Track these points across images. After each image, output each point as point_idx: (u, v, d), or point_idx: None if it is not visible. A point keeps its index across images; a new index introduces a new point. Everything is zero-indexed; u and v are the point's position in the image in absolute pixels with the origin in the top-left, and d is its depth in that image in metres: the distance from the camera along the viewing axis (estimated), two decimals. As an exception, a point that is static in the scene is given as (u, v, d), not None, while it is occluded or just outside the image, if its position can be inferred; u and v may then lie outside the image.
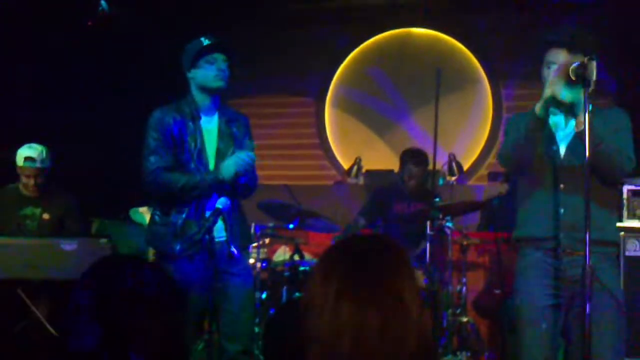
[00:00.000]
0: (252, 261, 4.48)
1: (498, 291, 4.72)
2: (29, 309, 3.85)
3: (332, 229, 4.67)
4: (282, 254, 5.10)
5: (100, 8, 5.23)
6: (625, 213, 3.89)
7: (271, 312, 4.23)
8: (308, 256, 4.87)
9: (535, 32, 5.63)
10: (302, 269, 4.41)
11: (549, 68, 2.72)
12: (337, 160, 6.50)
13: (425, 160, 4.91)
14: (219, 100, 3.27)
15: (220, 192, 3.06)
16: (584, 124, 2.49)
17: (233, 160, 3.11)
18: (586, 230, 2.46)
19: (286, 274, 4.42)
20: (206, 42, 3.18)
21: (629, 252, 3.79)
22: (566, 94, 2.58)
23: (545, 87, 2.66)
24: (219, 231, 3.02)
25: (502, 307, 4.55)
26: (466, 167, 5.99)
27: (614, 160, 2.67)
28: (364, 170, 6.13)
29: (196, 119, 3.18)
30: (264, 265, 4.59)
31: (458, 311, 4.58)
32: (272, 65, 6.47)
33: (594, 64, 2.54)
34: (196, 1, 6.01)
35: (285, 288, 4.40)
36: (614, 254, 2.84)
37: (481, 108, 6.26)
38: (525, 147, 2.73)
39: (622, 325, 2.70)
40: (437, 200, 4.39)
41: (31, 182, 4.38)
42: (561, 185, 2.73)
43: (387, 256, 1.26)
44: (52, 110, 5.20)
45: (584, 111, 2.52)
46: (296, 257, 4.65)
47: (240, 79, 5.24)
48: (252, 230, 4.47)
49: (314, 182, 6.40)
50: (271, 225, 4.72)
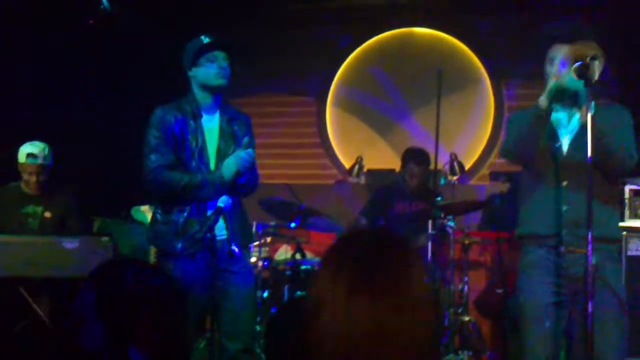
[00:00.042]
0: (253, 260, 4.48)
1: (500, 290, 4.72)
2: (31, 307, 3.86)
3: (333, 228, 4.67)
4: (284, 252, 5.11)
5: (102, 6, 5.23)
6: (627, 212, 3.89)
7: (273, 310, 4.23)
8: (309, 255, 4.87)
9: (537, 31, 5.63)
10: (303, 267, 4.41)
11: (552, 64, 2.72)
12: (338, 160, 6.50)
13: (426, 159, 4.91)
14: (220, 98, 3.26)
15: (221, 191, 3.06)
16: (589, 111, 2.50)
17: (233, 159, 3.11)
18: (589, 226, 2.46)
19: (288, 272, 4.42)
20: (206, 40, 3.17)
21: (630, 252, 3.79)
22: (572, 80, 2.57)
23: (550, 80, 2.66)
24: (220, 229, 3.02)
25: (503, 306, 4.55)
26: (467, 166, 5.98)
27: (616, 155, 2.67)
28: (365, 170, 6.12)
29: (197, 117, 3.17)
30: (266, 264, 4.58)
31: (460, 310, 4.58)
32: (273, 65, 6.46)
33: (596, 63, 2.55)
34: (196, 1, 6.00)
35: (286, 287, 4.40)
36: (617, 250, 2.83)
37: (483, 108, 6.25)
38: (528, 140, 2.72)
39: (625, 323, 2.70)
40: (439, 199, 4.39)
41: (33, 179, 4.38)
42: (564, 183, 2.73)
43: (397, 249, 1.26)
44: (53, 109, 5.20)
45: (587, 110, 2.52)
46: (298, 256, 4.65)
47: (241, 78, 5.23)
48: (254, 229, 4.48)
49: (315, 181, 6.40)
50: (273, 224, 4.72)
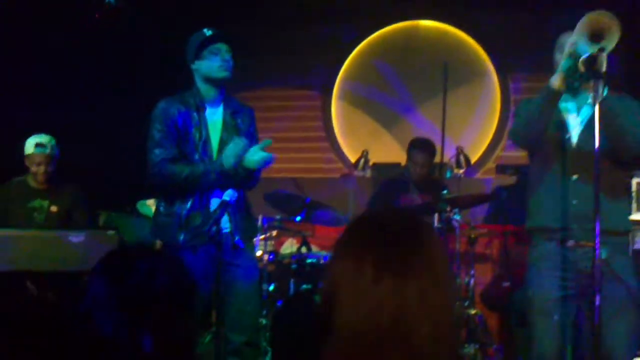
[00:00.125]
0: (259, 253, 4.48)
1: (506, 283, 4.71)
2: (37, 300, 3.86)
3: (339, 221, 4.66)
4: (290, 246, 5.11)
5: (107, 1, 5.22)
6: (634, 206, 3.86)
7: (278, 304, 4.23)
8: (315, 249, 4.87)
9: (543, 25, 5.60)
10: (309, 261, 4.42)
11: (562, 52, 2.70)
12: (343, 153, 6.48)
13: (429, 147, 4.88)
14: (224, 91, 3.25)
15: (224, 182, 3.05)
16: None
17: (230, 147, 3.10)
18: (595, 215, 2.44)
19: (293, 266, 4.42)
20: (209, 33, 3.17)
21: (637, 245, 3.76)
22: (586, 49, 2.53)
23: (562, 59, 2.63)
24: (224, 222, 3.02)
25: (510, 299, 4.53)
26: (474, 160, 5.96)
27: (629, 137, 2.63)
28: (370, 164, 6.11)
29: (201, 110, 3.17)
30: (271, 257, 4.59)
31: (466, 303, 4.57)
32: (278, 59, 6.44)
33: (604, 55, 2.53)
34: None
35: (292, 280, 4.40)
36: (627, 243, 2.81)
37: (489, 101, 6.23)
38: (538, 122, 2.70)
39: (636, 316, 2.68)
40: (445, 192, 4.38)
41: (41, 169, 4.35)
42: (574, 176, 2.71)
43: (418, 227, 1.23)
44: (55, 105, 5.20)
45: (594, 101, 2.51)
46: (303, 250, 4.66)
47: (247, 72, 5.23)
48: (260, 223, 4.47)
49: (320, 174, 6.39)
50: (278, 217, 4.72)
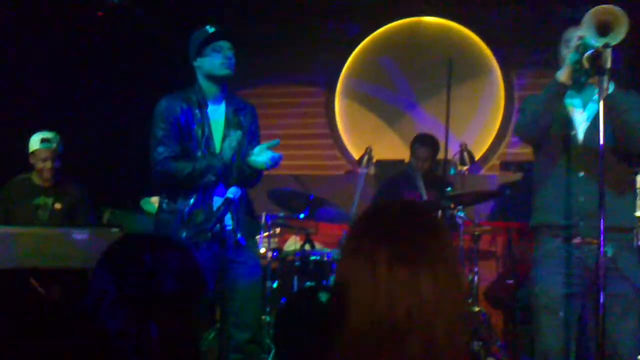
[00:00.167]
0: (263, 250, 4.48)
1: (510, 281, 4.70)
2: (41, 297, 3.87)
3: (343, 217, 4.65)
4: (293, 243, 5.11)
5: (109, -1, 5.22)
6: (638, 202, 3.85)
7: (282, 301, 4.24)
8: (319, 246, 4.87)
9: (548, 21, 5.58)
10: (312, 258, 4.41)
11: (568, 46, 2.69)
12: (347, 150, 6.48)
13: (432, 141, 4.87)
14: (226, 88, 3.26)
15: (227, 178, 3.05)
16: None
17: (227, 141, 3.12)
18: (600, 211, 2.42)
19: (297, 263, 4.42)
20: (212, 30, 3.17)
21: (641, 242, 3.75)
22: (593, 42, 2.52)
23: (570, 51, 2.62)
24: (226, 220, 3.04)
25: (514, 296, 4.53)
26: (478, 156, 5.95)
27: (637, 132, 2.61)
28: (374, 160, 6.10)
29: (203, 107, 3.18)
30: (275, 254, 4.59)
31: (470, 301, 4.56)
32: (282, 56, 6.44)
33: (609, 51, 2.51)
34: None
35: (296, 277, 4.41)
36: (633, 240, 2.80)
37: (493, 98, 6.21)
38: (544, 117, 2.68)
39: None
40: (449, 189, 4.37)
41: (48, 165, 4.34)
42: (581, 173, 2.69)
43: (429, 219, 1.23)
44: (62, 102, 5.21)
45: (599, 97, 2.50)
46: (307, 247, 4.66)
47: (250, 69, 5.22)
48: (263, 220, 4.48)
49: (323, 172, 6.38)
50: (282, 214, 4.72)
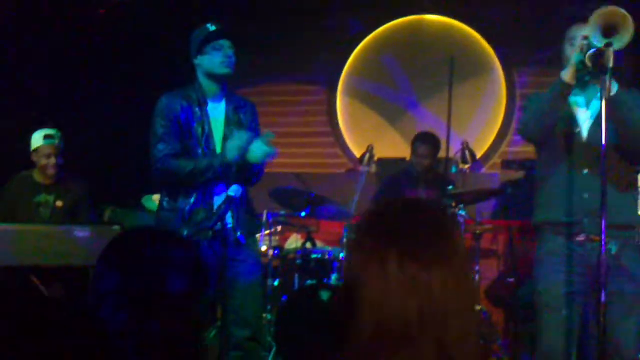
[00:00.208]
0: (264, 248, 4.48)
1: (511, 279, 4.69)
2: (42, 295, 3.87)
3: (344, 215, 4.65)
4: (294, 241, 5.11)
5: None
6: (640, 201, 3.84)
7: (283, 299, 4.24)
8: (320, 244, 4.87)
9: (549, 19, 5.57)
10: (313, 256, 4.42)
11: (572, 44, 2.68)
12: (348, 148, 6.47)
13: (432, 139, 4.86)
14: (226, 87, 3.26)
15: (227, 176, 3.05)
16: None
17: (234, 140, 3.11)
18: (602, 209, 2.42)
19: (298, 261, 4.43)
20: (212, 29, 3.17)
21: (644, 239, 3.74)
22: (599, 41, 2.51)
23: (574, 50, 2.61)
24: (227, 218, 3.04)
25: (515, 295, 4.52)
26: (479, 154, 5.94)
27: None
28: (375, 159, 6.10)
29: (203, 105, 3.18)
30: (276, 252, 4.59)
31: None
32: (283, 55, 6.43)
33: (611, 50, 2.50)
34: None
35: (297, 275, 4.42)
36: (636, 238, 2.79)
37: (494, 96, 6.20)
38: (549, 115, 2.68)
39: None
40: (450, 188, 4.36)
41: (52, 161, 4.33)
42: (585, 170, 2.69)
43: (437, 214, 1.22)
44: (62, 101, 5.21)
45: (602, 96, 2.49)
46: (308, 245, 4.66)
47: (251, 67, 5.22)
48: (264, 218, 4.48)
49: (325, 170, 6.38)
50: (283, 212, 4.72)
